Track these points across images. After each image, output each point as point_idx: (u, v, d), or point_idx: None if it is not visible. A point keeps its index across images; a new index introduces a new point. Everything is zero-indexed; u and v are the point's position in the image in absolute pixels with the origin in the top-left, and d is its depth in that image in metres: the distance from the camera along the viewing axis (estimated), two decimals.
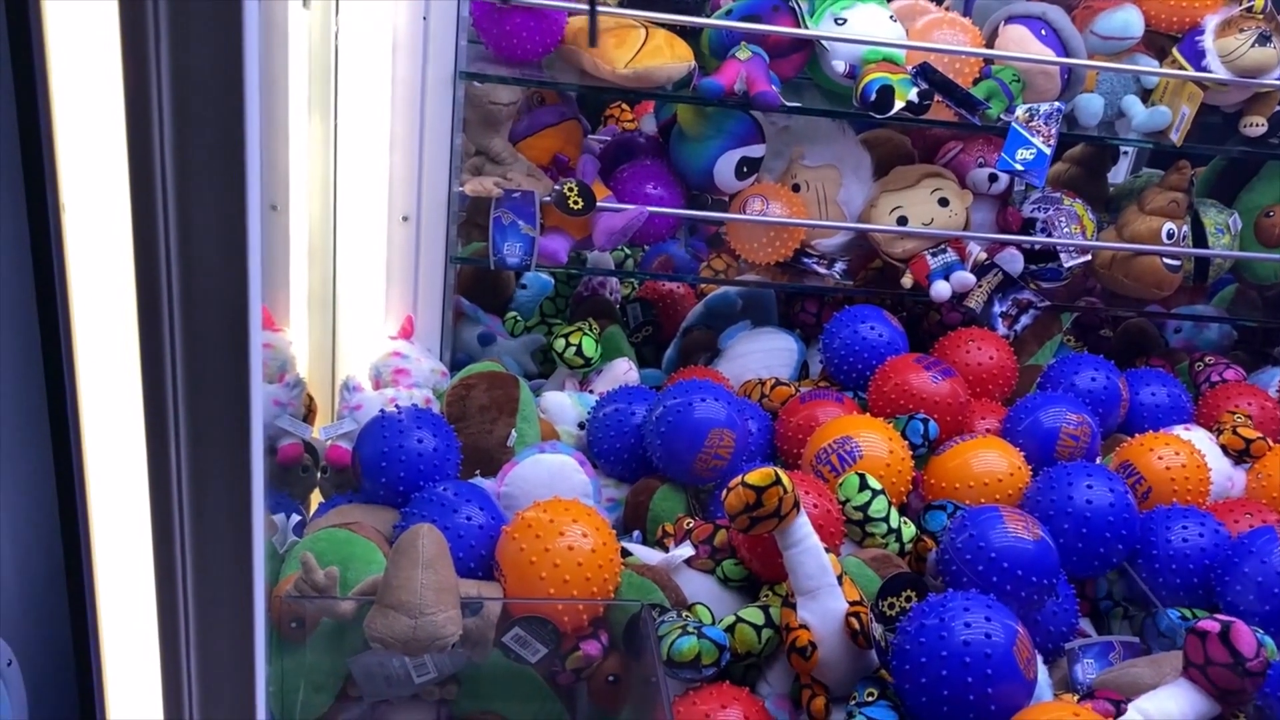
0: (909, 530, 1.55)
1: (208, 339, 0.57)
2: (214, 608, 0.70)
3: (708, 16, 1.88)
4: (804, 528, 1.36)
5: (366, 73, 1.67)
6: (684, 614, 1.42)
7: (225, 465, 0.62)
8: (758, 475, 1.31)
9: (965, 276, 1.95)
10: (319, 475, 1.72)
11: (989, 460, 1.65)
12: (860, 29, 1.81)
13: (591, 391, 1.92)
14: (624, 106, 2.62)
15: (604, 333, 2.09)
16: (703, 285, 2.32)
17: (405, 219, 1.78)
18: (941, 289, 1.94)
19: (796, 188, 2.00)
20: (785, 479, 1.32)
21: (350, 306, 1.80)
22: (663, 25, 1.78)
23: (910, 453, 1.67)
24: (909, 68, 1.83)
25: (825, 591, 1.35)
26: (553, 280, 2.31)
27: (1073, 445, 1.70)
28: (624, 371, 1.95)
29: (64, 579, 1.24)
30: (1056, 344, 2.17)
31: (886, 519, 1.53)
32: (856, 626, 1.31)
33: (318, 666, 1.39)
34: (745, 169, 1.92)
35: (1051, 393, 1.83)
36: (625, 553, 1.52)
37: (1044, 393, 1.83)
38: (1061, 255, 2.01)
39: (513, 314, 2.33)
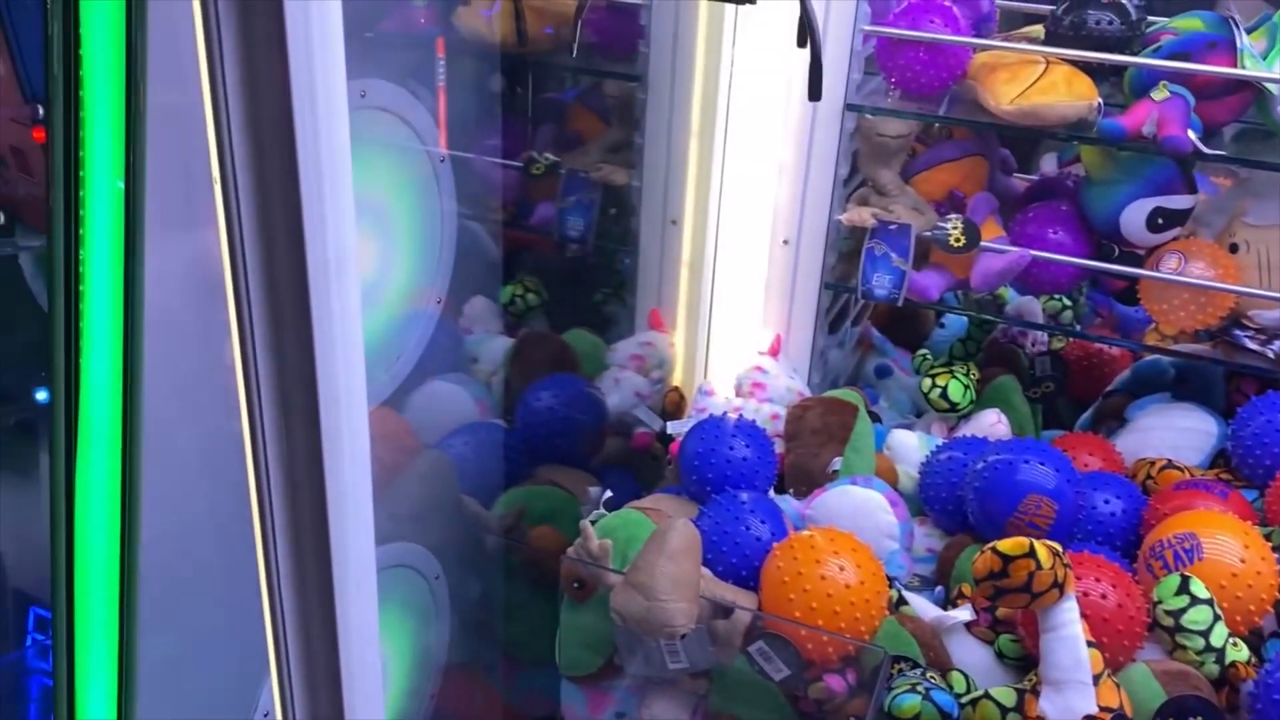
0: (1239, 653, 1.31)
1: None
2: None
3: (1137, 53, 1.71)
4: (1067, 613, 1.23)
5: (759, 105, 1.78)
6: (928, 674, 1.35)
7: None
8: (1010, 544, 1.22)
9: None
10: (666, 466, 1.88)
11: None
12: None
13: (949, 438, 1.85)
14: None
15: (993, 381, 1.99)
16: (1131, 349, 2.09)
17: (786, 243, 1.86)
18: None
19: (1235, 248, 1.74)
20: (1042, 554, 1.21)
21: (725, 318, 1.92)
22: (1070, 62, 1.67)
23: None
24: None
25: (1073, 688, 1.21)
26: (967, 322, 2.24)
27: None
28: (991, 424, 1.85)
29: None
30: None
31: (1206, 634, 1.31)
32: None
33: (593, 629, 1.54)
34: (1161, 221, 1.72)
35: None
36: (903, 601, 1.48)
37: None
38: None
39: (923, 351, 2.29)
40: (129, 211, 1.04)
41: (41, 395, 1.50)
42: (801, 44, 1.37)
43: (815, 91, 1.41)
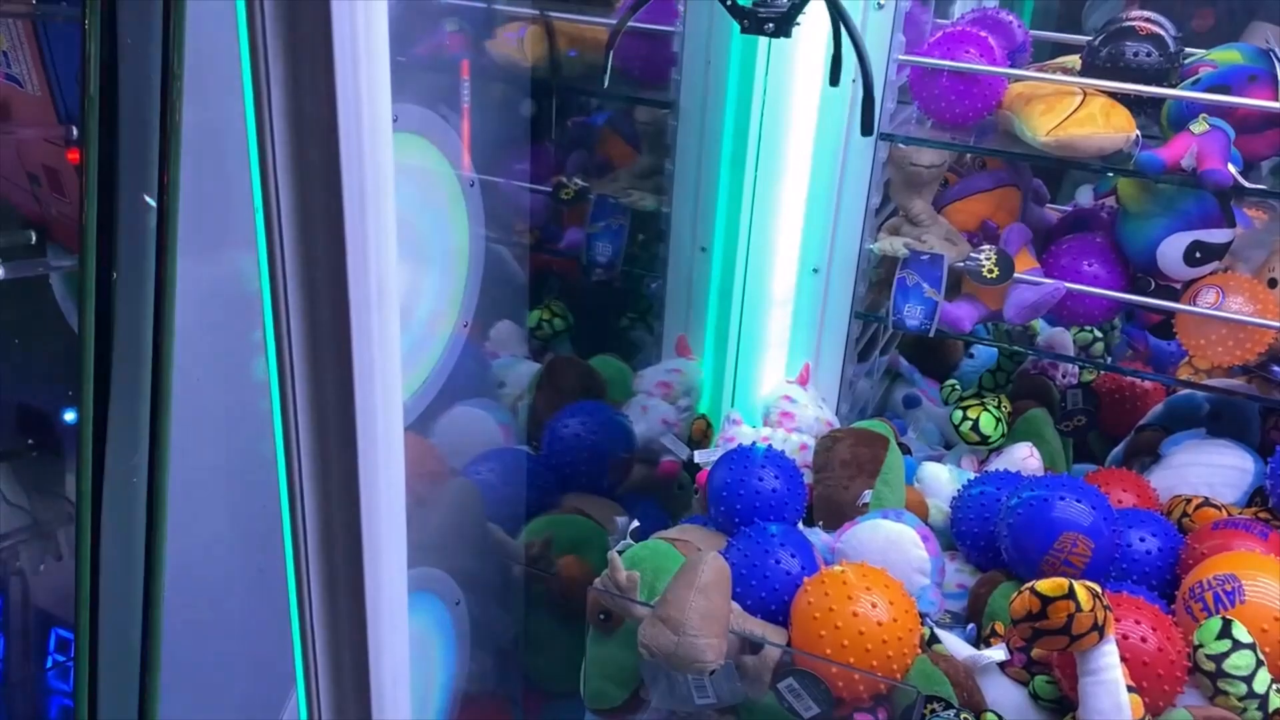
0: None
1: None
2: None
3: (1176, 85, 1.69)
4: (1106, 657, 1.21)
5: (790, 132, 1.77)
6: (962, 715, 1.32)
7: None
8: (1049, 585, 1.20)
9: None
10: (693, 495, 1.85)
11: None
12: None
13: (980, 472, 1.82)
14: None
15: (1024, 414, 1.97)
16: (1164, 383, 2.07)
17: (815, 271, 1.85)
18: None
19: (1274, 283, 1.72)
20: (1082, 595, 1.18)
21: (753, 346, 1.90)
22: (1107, 93, 1.65)
23: None
24: None
25: None
26: (997, 353, 2.22)
27: None
28: (1023, 457, 1.82)
29: None
30: None
31: (1249, 680, 1.27)
32: None
33: (619, 662, 1.52)
34: (1199, 255, 1.70)
35: None
36: (935, 639, 1.45)
37: None
38: None
39: (952, 382, 2.27)
40: (162, 231, 1.03)
41: (70, 416, 1.50)
42: (834, 83, 1.36)
43: (867, 126, 1.40)
